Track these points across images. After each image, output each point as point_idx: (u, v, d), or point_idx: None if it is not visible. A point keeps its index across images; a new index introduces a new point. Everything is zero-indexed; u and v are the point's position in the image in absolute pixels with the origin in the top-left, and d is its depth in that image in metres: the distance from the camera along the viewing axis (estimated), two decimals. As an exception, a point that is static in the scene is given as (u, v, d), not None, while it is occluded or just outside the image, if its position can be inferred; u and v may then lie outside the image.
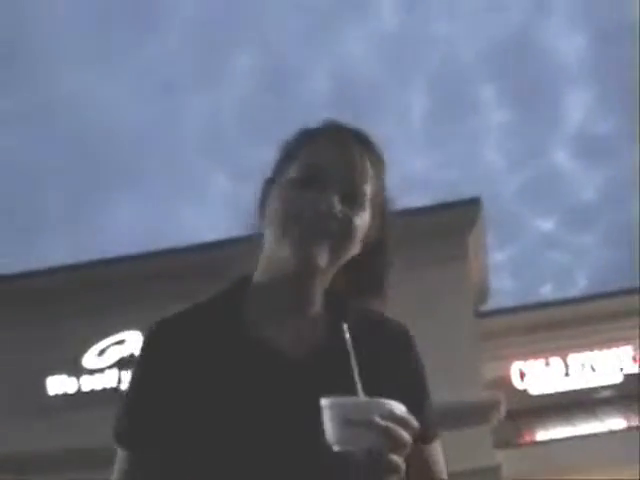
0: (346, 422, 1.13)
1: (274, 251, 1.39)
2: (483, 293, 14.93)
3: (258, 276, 1.44)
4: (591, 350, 14.25)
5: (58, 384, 12.84)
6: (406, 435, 1.15)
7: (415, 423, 1.16)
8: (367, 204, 1.41)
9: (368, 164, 1.41)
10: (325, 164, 1.39)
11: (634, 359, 14.27)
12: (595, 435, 12.83)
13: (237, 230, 1.53)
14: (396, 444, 1.14)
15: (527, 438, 13.41)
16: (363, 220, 1.40)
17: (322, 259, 1.34)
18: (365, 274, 1.49)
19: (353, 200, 1.38)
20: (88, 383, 12.84)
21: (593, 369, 14.25)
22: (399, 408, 1.16)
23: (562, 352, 14.23)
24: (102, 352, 12.80)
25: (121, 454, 1.36)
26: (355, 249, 1.41)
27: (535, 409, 13.78)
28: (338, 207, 1.35)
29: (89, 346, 12.79)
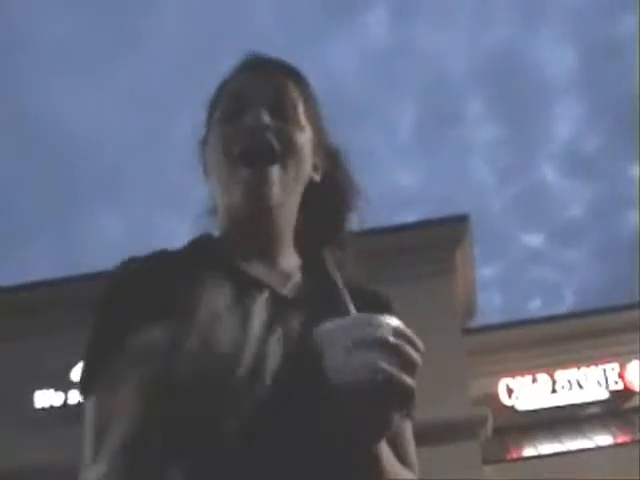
0: (354, 344, 1.02)
1: (225, 198, 1.31)
2: (470, 309, 14.95)
3: (221, 231, 1.35)
4: (578, 367, 14.28)
5: (46, 398, 12.78)
6: (416, 356, 1.04)
7: (421, 345, 1.05)
8: (304, 121, 1.34)
9: (292, 82, 1.36)
10: (245, 88, 1.34)
11: (620, 376, 14.31)
12: (582, 451, 12.83)
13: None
14: (409, 365, 1.03)
15: (514, 454, 13.40)
16: (305, 136, 1.33)
17: (273, 186, 1.25)
18: (321, 213, 1.40)
19: (284, 114, 1.31)
20: (76, 397, 12.74)
21: (580, 385, 14.27)
22: (404, 326, 1.06)
23: (549, 369, 14.28)
24: (90, 366, 12.67)
25: (91, 403, 1.15)
26: (305, 172, 1.34)
27: (522, 425, 13.81)
28: (268, 120, 1.28)
29: (77, 360, 12.72)
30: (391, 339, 1.02)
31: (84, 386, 1.19)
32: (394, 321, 1.05)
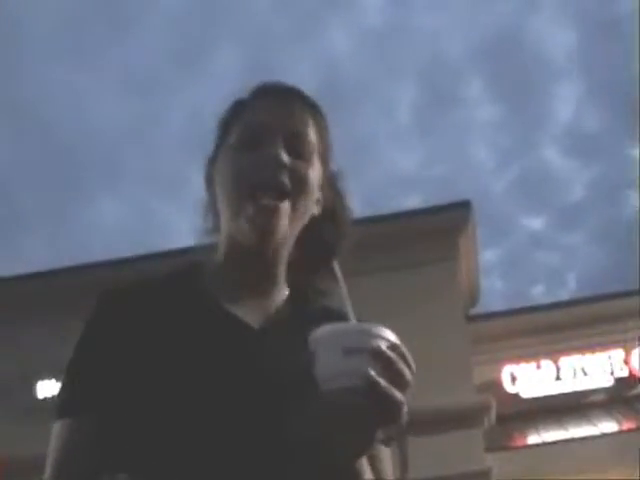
0: (345, 351, 1.01)
1: (231, 227, 1.31)
2: (473, 295, 14.90)
3: (219, 256, 1.35)
4: (582, 353, 14.20)
5: (48, 388, 12.71)
6: (409, 374, 1.05)
7: (413, 364, 1.05)
8: (315, 157, 1.34)
9: (308, 114, 1.35)
10: (263, 119, 1.32)
11: (625, 362, 14.23)
12: (586, 438, 12.78)
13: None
14: (401, 381, 1.03)
15: (518, 442, 13.35)
16: (315, 173, 1.33)
17: (281, 223, 1.26)
18: (317, 243, 1.38)
19: (300, 150, 1.31)
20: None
21: (584, 372, 14.19)
22: (400, 342, 1.05)
23: (553, 355, 14.19)
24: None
25: (62, 425, 1.21)
26: (311, 208, 1.34)
27: (526, 412, 13.73)
28: (286, 158, 1.28)
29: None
30: (386, 351, 1.02)
31: (57, 411, 1.23)
32: (391, 335, 1.04)
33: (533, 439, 13.34)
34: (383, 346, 1.01)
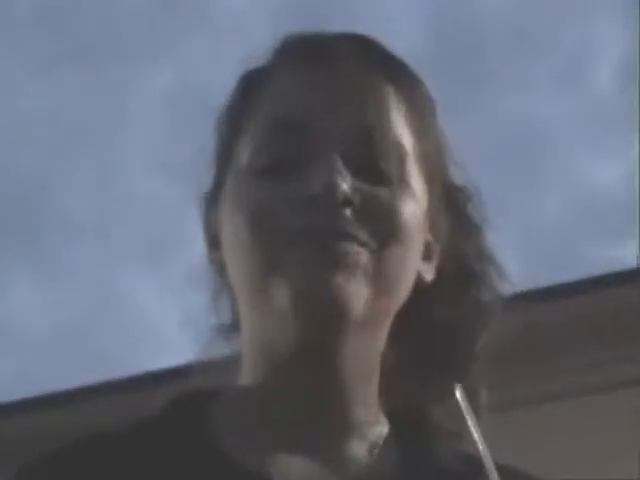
0: None
1: (256, 320, 0.74)
2: None
3: (243, 378, 0.77)
4: None
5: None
6: None
7: None
8: (412, 172, 0.76)
9: (390, 91, 0.76)
10: (299, 111, 0.75)
11: None
12: None
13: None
14: None
15: None
16: (415, 205, 0.75)
17: (355, 297, 0.69)
18: (435, 335, 0.78)
19: (377, 166, 0.73)
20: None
21: None
22: None
23: None
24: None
25: None
26: (412, 271, 0.75)
27: None
28: (351, 186, 0.70)
29: None
30: None
31: None
32: None
33: None
34: None
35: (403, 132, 0.76)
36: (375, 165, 0.73)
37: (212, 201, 0.79)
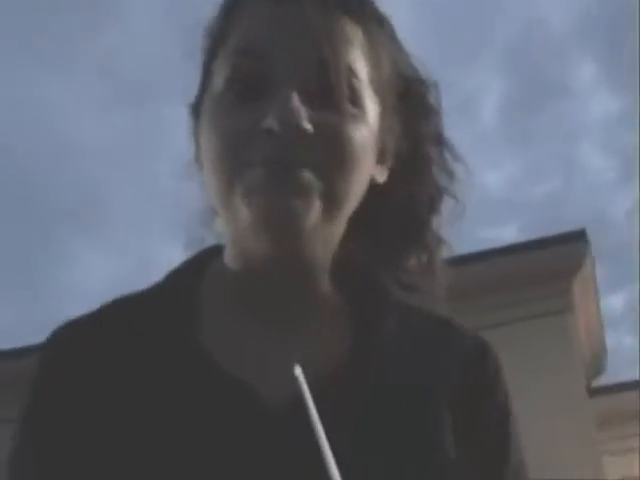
0: None
1: (229, 227, 0.95)
2: (597, 360, 12.63)
3: (226, 259, 0.99)
4: None
5: None
6: None
7: None
8: (365, 96, 0.92)
9: (347, 24, 0.92)
10: (265, 42, 0.90)
11: None
12: None
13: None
14: None
15: None
16: (365, 128, 0.91)
17: (307, 216, 0.87)
18: (386, 231, 1.04)
19: (333, 93, 0.88)
20: None
21: None
22: None
23: None
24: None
25: None
26: (361, 184, 0.94)
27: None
28: (306, 113, 0.86)
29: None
30: None
31: None
32: None
33: None
34: None
35: (357, 61, 0.89)
36: (329, 94, 0.87)
37: (195, 113, 0.98)
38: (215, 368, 0.90)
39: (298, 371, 0.79)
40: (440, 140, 1.04)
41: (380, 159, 0.97)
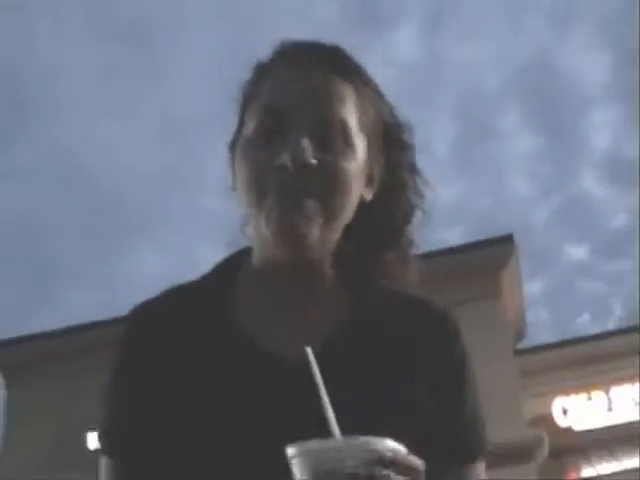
0: (322, 475, 0.84)
1: (256, 235, 1.16)
2: (520, 329, 14.59)
3: (255, 257, 1.19)
4: (633, 383, 13.85)
5: (98, 438, 12.67)
6: None
7: (418, 463, 0.89)
8: (355, 138, 1.12)
9: (342, 86, 1.13)
10: (283, 101, 1.11)
11: (678, 390, 13.79)
12: (641, 469, 12.34)
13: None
14: None
15: (572, 475, 13.17)
16: (355, 162, 1.11)
17: (309, 234, 1.07)
18: (375, 231, 1.22)
19: (331, 138, 1.09)
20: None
21: (636, 402, 13.83)
22: (390, 448, 0.86)
23: (604, 386, 13.87)
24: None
25: (106, 462, 1.19)
26: (353, 203, 1.13)
27: (579, 445, 13.43)
28: (311, 153, 1.06)
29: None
30: (363, 474, 0.84)
31: (100, 445, 1.20)
32: (385, 444, 0.86)
33: (587, 472, 13.17)
34: (364, 468, 0.84)
35: (349, 113, 1.11)
36: (329, 139, 1.09)
37: (232, 149, 1.20)
38: (247, 338, 1.13)
39: (309, 350, 0.98)
40: (413, 169, 1.24)
41: (368, 183, 1.18)
